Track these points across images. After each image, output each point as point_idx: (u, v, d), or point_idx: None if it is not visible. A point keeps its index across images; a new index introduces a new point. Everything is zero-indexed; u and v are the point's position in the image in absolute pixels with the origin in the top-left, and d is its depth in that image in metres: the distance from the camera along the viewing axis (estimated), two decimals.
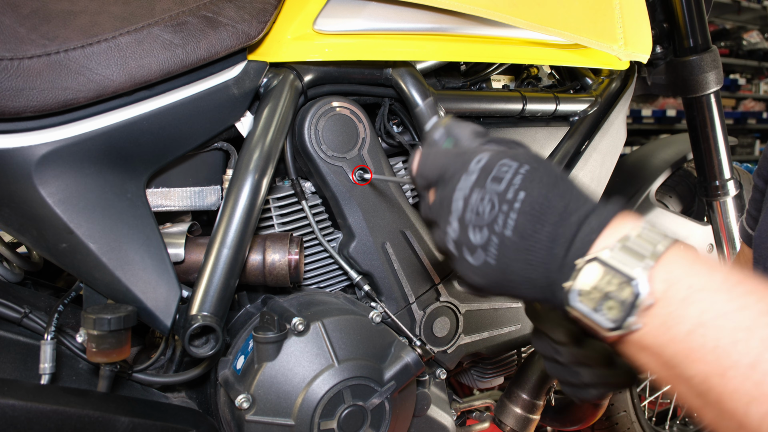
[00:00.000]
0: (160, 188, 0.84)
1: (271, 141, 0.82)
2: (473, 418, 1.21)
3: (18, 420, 0.65)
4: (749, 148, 6.20)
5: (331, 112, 0.88)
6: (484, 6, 0.87)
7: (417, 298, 0.96)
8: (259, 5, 0.80)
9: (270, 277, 0.84)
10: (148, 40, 0.73)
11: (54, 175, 0.71)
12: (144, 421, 0.73)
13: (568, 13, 0.94)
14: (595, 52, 1.02)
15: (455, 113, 1.00)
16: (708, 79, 1.22)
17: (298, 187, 0.91)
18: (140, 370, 0.83)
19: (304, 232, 0.93)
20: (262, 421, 0.77)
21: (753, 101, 6.24)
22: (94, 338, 0.71)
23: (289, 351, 0.79)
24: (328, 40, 0.85)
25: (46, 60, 0.68)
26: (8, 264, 0.93)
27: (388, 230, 0.93)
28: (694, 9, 1.20)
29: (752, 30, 5.99)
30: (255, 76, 0.83)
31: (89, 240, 0.73)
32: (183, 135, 0.79)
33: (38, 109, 0.68)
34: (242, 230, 0.79)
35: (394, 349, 0.85)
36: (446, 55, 0.92)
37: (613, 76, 1.18)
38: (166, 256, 0.78)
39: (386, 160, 0.94)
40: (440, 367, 1.02)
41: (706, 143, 1.26)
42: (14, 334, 0.77)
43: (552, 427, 1.35)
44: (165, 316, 0.77)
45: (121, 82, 0.71)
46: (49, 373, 0.74)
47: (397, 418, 0.86)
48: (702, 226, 1.39)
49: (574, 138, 1.11)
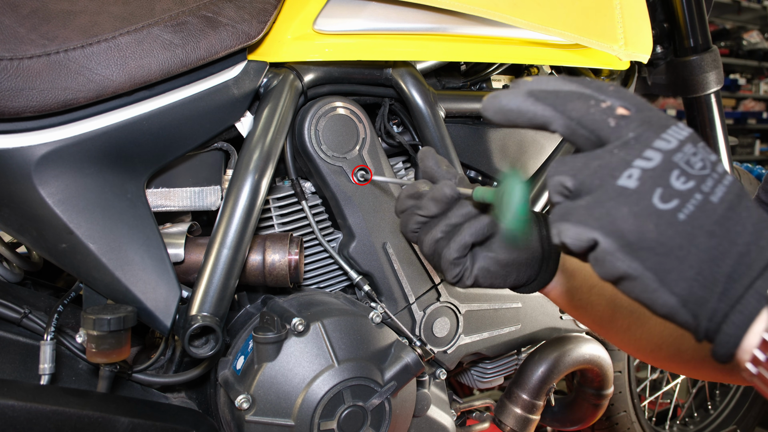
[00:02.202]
0: (160, 188, 0.84)
1: (271, 141, 0.82)
2: (473, 418, 1.21)
3: (18, 420, 0.65)
4: (749, 148, 6.20)
5: (331, 112, 0.88)
6: (484, 6, 0.87)
7: (417, 298, 0.96)
8: (259, 5, 0.80)
9: (270, 277, 0.84)
10: (148, 40, 0.73)
11: (54, 175, 0.71)
12: (144, 421, 0.73)
13: (569, 13, 0.93)
14: (595, 52, 1.02)
15: (455, 113, 1.00)
16: (708, 79, 1.22)
17: (298, 187, 0.91)
18: (140, 370, 0.82)
19: (304, 233, 0.93)
20: (262, 422, 0.77)
21: (753, 101, 6.24)
22: (93, 339, 0.70)
23: (289, 351, 0.78)
24: (328, 40, 0.85)
25: (45, 60, 0.68)
26: (8, 264, 0.93)
27: (388, 230, 0.93)
28: (694, 9, 1.20)
29: (752, 30, 5.99)
30: (255, 76, 0.83)
31: (89, 240, 0.73)
32: (183, 135, 0.79)
33: (38, 109, 0.68)
34: (242, 230, 0.79)
35: (394, 349, 0.85)
36: (446, 55, 0.92)
37: (614, 77, 1.18)
38: (166, 256, 0.78)
39: (386, 160, 0.94)
40: (440, 367, 1.02)
41: (707, 143, 1.26)
42: (14, 334, 0.77)
43: (552, 427, 1.35)
44: (165, 317, 0.77)
45: (121, 82, 0.71)
46: (48, 373, 0.74)
47: (397, 419, 0.86)
48: None
49: None
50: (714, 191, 0.39)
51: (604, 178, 0.40)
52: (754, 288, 0.38)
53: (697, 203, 0.38)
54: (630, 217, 0.38)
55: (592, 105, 0.42)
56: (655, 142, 0.40)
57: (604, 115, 0.41)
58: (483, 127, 1.04)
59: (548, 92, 0.43)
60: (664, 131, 0.40)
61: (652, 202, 0.38)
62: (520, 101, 0.43)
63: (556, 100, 0.43)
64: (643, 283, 0.39)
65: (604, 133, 0.41)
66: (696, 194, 0.39)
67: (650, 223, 0.38)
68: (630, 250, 0.38)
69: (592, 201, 0.39)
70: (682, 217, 0.38)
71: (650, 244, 0.38)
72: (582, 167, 0.41)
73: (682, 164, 0.39)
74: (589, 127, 0.42)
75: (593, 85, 0.43)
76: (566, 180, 0.41)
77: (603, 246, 0.39)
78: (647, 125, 0.41)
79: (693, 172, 0.39)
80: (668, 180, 0.39)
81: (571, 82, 0.44)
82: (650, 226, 0.38)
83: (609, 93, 0.43)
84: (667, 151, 0.39)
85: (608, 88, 0.43)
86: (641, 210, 0.38)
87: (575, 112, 0.42)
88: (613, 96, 0.43)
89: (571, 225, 0.40)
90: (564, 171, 0.41)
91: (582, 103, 0.42)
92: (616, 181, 0.39)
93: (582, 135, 0.42)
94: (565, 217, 0.40)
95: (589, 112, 0.42)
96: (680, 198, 0.38)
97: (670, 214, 0.38)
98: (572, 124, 0.42)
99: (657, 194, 0.38)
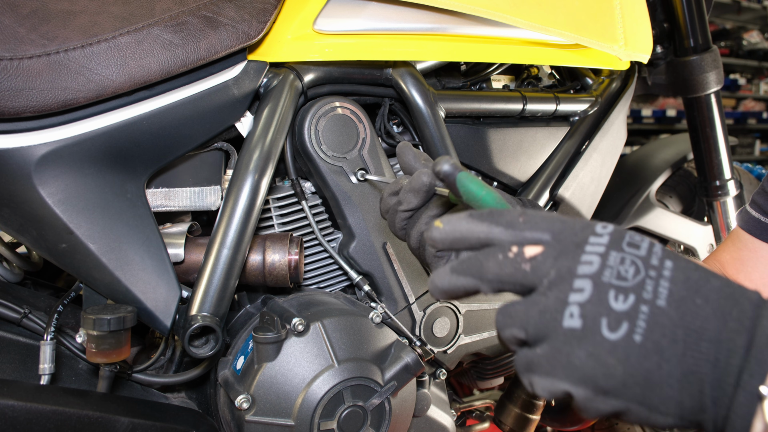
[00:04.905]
0: (160, 188, 0.84)
1: (271, 141, 0.82)
2: (473, 418, 1.21)
3: (18, 420, 0.65)
4: (749, 148, 6.20)
5: (331, 112, 0.88)
6: (484, 6, 0.87)
7: (417, 298, 0.96)
8: (259, 5, 0.80)
9: (270, 277, 0.84)
10: (148, 40, 0.73)
11: (54, 176, 0.71)
12: (144, 421, 0.73)
13: (569, 13, 0.93)
14: (595, 52, 1.02)
15: (455, 113, 1.00)
16: (708, 79, 1.22)
17: (298, 187, 0.91)
18: (140, 370, 0.82)
19: (304, 233, 0.93)
20: (262, 422, 0.77)
21: (753, 101, 6.24)
22: (93, 339, 0.71)
23: (289, 351, 0.78)
24: (328, 40, 0.85)
25: (45, 60, 0.68)
26: (8, 264, 0.93)
27: (388, 230, 0.93)
28: (694, 9, 1.20)
29: (752, 30, 6.00)
30: (255, 76, 0.83)
31: (89, 240, 0.73)
32: (183, 135, 0.79)
33: (38, 109, 0.68)
34: (242, 230, 0.79)
35: (394, 349, 0.85)
36: (446, 55, 0.92)
37: (614, 76, 1.18)
38: (165, 256, 0.78)
39: (386, 160, 0.94)
40: (440, 367, 1.02)
41: (707, 143, 1.26)
42: (14, 334, 0.77)
43: (552, 427, 1.35)
44: (165, 317, 0.77)
45: (120, 82, 0.71)
46: (48, 373, 0.74)
47: (397, 419, 0.86)
48: (702, 226, 1.39)
49: (574, 138, 1.11)
50: (657, 294, 0.37)
51: (549, 323, 0.39)
52: (741, 386, 0.35)
53: (647, 317, 0.37)
54: (590, 360, 0.37)
55: (501, 259, 0.42)
56: (579, 269, 0.39)
57: (516, 264, 0.41)
58: (483, 127, 1.04)
59: (464, 261, 0.44)
60: (582, 253, 0.40)
61: (603, 336, 0.37)
62: (448, 279, 0.44)
63: (473, 264, 0.43)
64: (635, 413, 0.38)
65: (526, 281, 0.41)
66: (641, 307, 0.37)
67: (611, 359, 0.37)
68: (604, 392, 0.37)
69: (549, 350, 0.39)
70: (638, 339, 0.37)
71: (621, 380, 0.37)
72: (526, 317, 0.40)
73: (614, 281, 0.38)
74: (509, 282, 0.42)
75: (502, 220, 0.43)
76: (517, 332, 0.41)
77: (579, 395, 0.38)
78: (562, 255, 0.40)
79: (628, 284, 0.38)
80: (608, 304, 0.37)
81: (481, 221, 0.44)
82: (612, 362, 0.37)
83: (518, 226, 0.43)
84: (594, 274, 0.38)
85: (517, 219, 0.43)
86: (596, 348, 0.37)
87: (491, 273, 0.42)
88: (523, 228, 0.42)
89: (539, 378, 0.39)
90: (512, 324, 0.41)
91: (493, 260, 0.42)
92: (562, 324, 0.38)
93: (509, 288, 0.42)
94: (531, 369, 0.40)
95: (502, 270, 0.42)
96: (627, 320, 0.37)
97: (624, 341, 0.37)
98: (495, 284, 0.42)
99: (604, 325, 0.37)
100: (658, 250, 0.39)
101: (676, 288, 0.37)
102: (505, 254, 0.42)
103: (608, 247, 0.39)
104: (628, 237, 0.40)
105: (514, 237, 0.42)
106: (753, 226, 0.79)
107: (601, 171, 1.14)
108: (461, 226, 0.44)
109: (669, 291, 0.37)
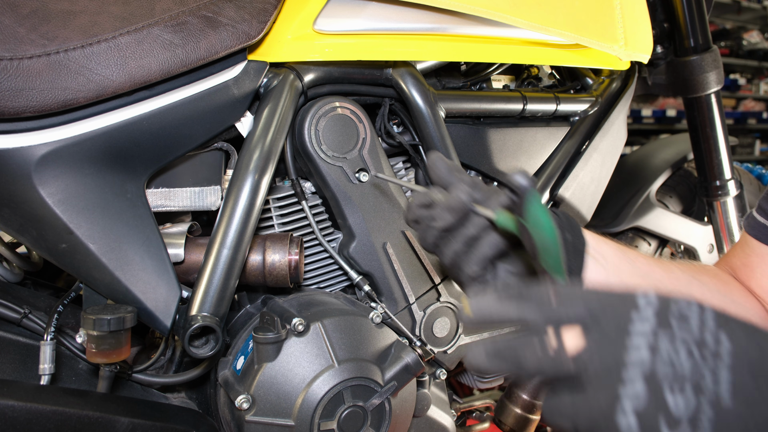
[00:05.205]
0: (160, 188, 0.84)
1: (271, 141, 0.82)
2: (473, 418, 1.21)
3: (18, 421, 0.65)
4: (749, 148, 6.20)
5: (331, 112, 0.88)
6: (484, 6, 0.87)
7: (417, 298, 0.96)
8: (259, 5, 0.80)
9: (270, 277, 0.84)
10: (148, 40, 0.73)
11: (54, 176, 0.71)
12: (144, 421, 0.73)
13: (569, 13, 0.93)
14: (595, 52, 1.02)
15: (455, 113, 1.00)
16: (708, 79, 1.22)
17: (298, 187, 0.91)
18: (140, 370, 0.82)
19: (304, 233, 0.93)
20: (262, 422, 0.77)
21: (753, 101, 6.23)
22: (93, 339, 0.70)
23: (289, 351, 0.78)
24: (328, 40, 0.85)
25: (45, 60, 0.68)
26: (8, 264, 0.93)
27: (388, 230, 0.93)
28: (694, 9, 1.20)
29: (752, 30, 5.99)
30: (255, 76, 0.83)
31: (89, 240, 0.73)
32: (183, 135, 0.79)
33: (38, 109, 0.68)
34: (242, 230, 0.79)
35: (394, 349, 0.85)
36: (446, 55, 0.92)
37: (614, 76, 1.18)
38: (165, 256, 0.78)
39: (386, 160, 0.94)
40: (440, 367, 1.02)
41: (707, 143, 1.26)
42: (14, 334, 0.77)
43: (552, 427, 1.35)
44: (165, 317, 0.77)
45: (121, 82, 0.71)
46: (48, 373, 0.74)
47: (397, 419, 0.86)
48: (702, 226, 1.38)
49: (574, 138, 1.11)
50: (718, 384, 0.32)
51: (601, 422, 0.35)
52: None
53: (710, 418, 0.32)
54: None
55: (538, 348, 0.39)
56: (626, 357, 0.35)
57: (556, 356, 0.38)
58: (483, 127, 1.04)
59: (501, 351, 0.41)
60: (627, 335, 0.36)
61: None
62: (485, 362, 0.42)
63: (510, 355, 0.41)
64: None
65: (570, 372, 0.38)
66: (704, 409, 0.32)
67: None
68: None
69: None
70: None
71: None
72: (575, 414, 0.37)
73: (669, 374, 0.33)
74: (551, 373, 0.39)
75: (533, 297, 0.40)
76: (567, 426, 0.38)
77: None
78: (606, 341, 0.36)
79: (683, 373, 0.33)
80: (664, 400, 0.33)
81: (510, 301, 0.41)
82: None
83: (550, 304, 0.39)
84: (643, 362, 0.34)
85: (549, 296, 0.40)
86: None
87: (530, 364, 0.40)
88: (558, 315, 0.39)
89: None
90: (559, 419, 0.38)
91: (530, 351, 0.40)
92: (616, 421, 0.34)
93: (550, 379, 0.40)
94: None
95: (542, 363, 0.39)
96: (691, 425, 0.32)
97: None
98: (535, 374, 0.40)
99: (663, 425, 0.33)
100: (709, 320, 0.35)
101: (739, 372, 0.33)
102: (542, 339, 0.39)
103: (656, 326, 0.36)
104: (675, 309, 0.36)
105: (549, 317, 0.40)
106: (760, 231, 0.79)
107: (602, 171, 1.14)
108: (491, 311, 0.43)
109: (732, 375, 0.33)
